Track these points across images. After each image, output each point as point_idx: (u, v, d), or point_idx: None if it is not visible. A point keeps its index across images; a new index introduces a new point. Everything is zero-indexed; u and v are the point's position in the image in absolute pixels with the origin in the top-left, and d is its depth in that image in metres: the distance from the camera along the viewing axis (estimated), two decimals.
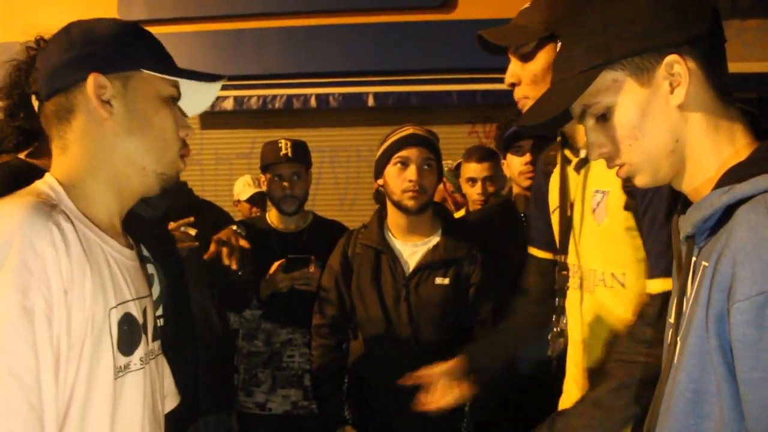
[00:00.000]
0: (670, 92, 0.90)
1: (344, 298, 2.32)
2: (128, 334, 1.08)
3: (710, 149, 0.91)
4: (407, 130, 2.23)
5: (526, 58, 1.47)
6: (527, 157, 2.58)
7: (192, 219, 2.25)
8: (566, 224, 1.58)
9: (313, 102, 5.57)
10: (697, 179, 0.93)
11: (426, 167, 2.18)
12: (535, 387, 2.12)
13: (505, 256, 2.22)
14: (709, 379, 0.81)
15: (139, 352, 1.12)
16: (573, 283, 1.57)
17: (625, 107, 0.93)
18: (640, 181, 0.96)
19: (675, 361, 0.89)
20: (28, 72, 1.13)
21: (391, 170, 2.20)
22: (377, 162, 2.26)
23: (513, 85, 1.50)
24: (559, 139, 1.65)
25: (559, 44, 1.01)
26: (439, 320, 2.21)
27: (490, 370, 1.75)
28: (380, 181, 2.27)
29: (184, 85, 1.19)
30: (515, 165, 2.64)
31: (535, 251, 1.81)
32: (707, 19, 0.91)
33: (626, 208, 1.41)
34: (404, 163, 2.17)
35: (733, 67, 0.95)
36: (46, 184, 1.08)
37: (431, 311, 2.21)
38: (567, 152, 1.62)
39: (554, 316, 1.65)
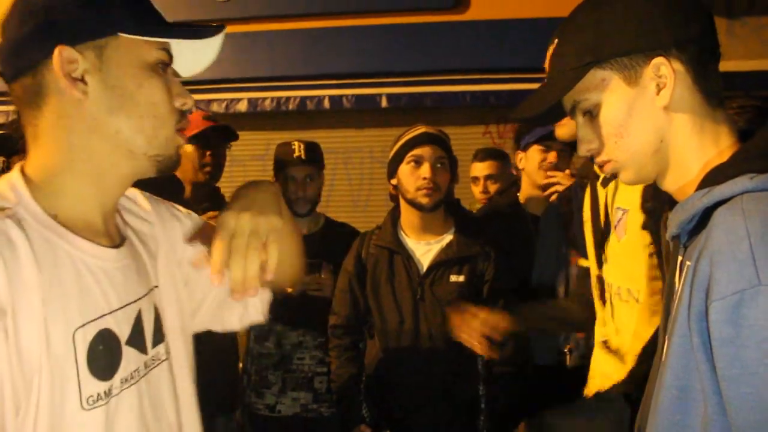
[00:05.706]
0: (656, 93, 0.92)
1: (358, 299, 2.35)
2: (105, 356, 0.92)
3: (694, 150, 0.93)
4: (420, 129, 2.27)
5: None
6: (553, 156, 2.56)
7: (212, 214, 2.28)
8: (599, 238, 1.61)
9: (326, 103, 5.59)
10: (680, 179, 0.94)
11: (439, 165, 2.22)
12: (550, 383, 2.13)
13: (509, 253, 2.24)
14: (693, 375, 0.83)
15: (122, 372, 0.94)
16: (606, 294, 1.61)
17: (611, 105, 0.95)
18: (625, 177, 0.98)
19: (663, 358, 0.91)
20: None
21: (405, 169, 2.23)
22: (390, 161, 2.30)
23: None
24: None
25: (555, 42, 1.03)
26: None
27: (530, 330, 1.86)
28: (393, 181, 2.31)
29: (177, 43, 0.99)
30: (534, 158, 2.60)
31: (583, 262, 1.82)
32: (698, 24, 0.92)
33: (644, 227, 1.45)
34: (418, 162, 2.21)
35: (752, 65, 0.96)
36: (8, 182, 0.94)
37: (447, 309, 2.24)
38: (596, 167, 1.64)
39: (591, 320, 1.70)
